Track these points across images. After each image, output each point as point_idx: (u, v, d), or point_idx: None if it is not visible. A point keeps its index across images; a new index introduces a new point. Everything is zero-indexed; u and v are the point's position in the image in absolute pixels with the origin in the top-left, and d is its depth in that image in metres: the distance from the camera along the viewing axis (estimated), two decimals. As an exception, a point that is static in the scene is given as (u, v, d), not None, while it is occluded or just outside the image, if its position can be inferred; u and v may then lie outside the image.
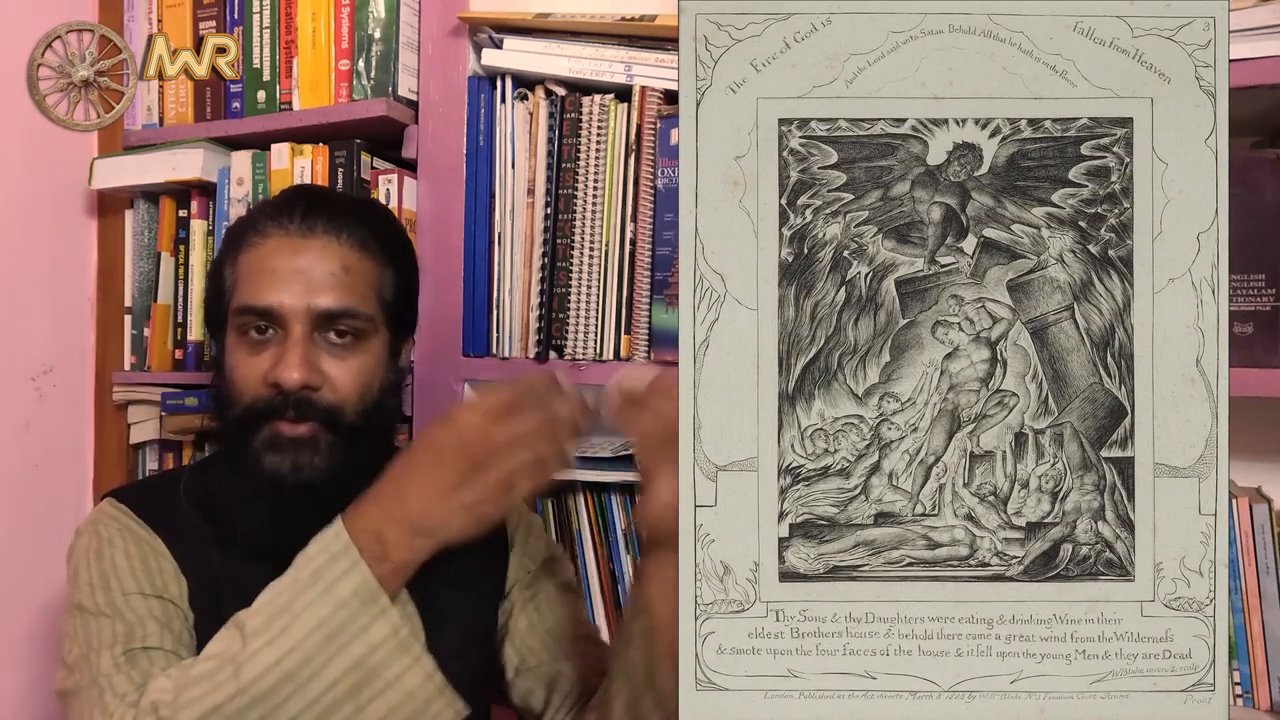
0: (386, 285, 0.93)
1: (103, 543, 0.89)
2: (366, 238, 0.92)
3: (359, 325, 0.90)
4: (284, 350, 0.87)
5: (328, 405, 0.88)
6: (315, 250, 0.89)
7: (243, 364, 0.89)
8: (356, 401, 0.89)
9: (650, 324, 1.14)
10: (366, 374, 0.90)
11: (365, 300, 0.90)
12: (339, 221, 0.91)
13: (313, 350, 0.87)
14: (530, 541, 1.04)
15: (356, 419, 0.89)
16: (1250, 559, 0.98)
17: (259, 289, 0.88)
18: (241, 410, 0.88)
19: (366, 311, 0.90)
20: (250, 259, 0.90)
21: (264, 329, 0.88)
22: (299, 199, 0.93)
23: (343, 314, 0.88)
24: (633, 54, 1.16)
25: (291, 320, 0.87)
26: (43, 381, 1.48)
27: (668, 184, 1.14)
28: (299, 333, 0.87)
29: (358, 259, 0.90)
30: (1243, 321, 0.95)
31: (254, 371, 0.88)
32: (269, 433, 0.87)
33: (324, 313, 0.87)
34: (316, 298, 0.87)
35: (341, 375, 0.88)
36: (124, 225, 1.53)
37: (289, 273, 0.87)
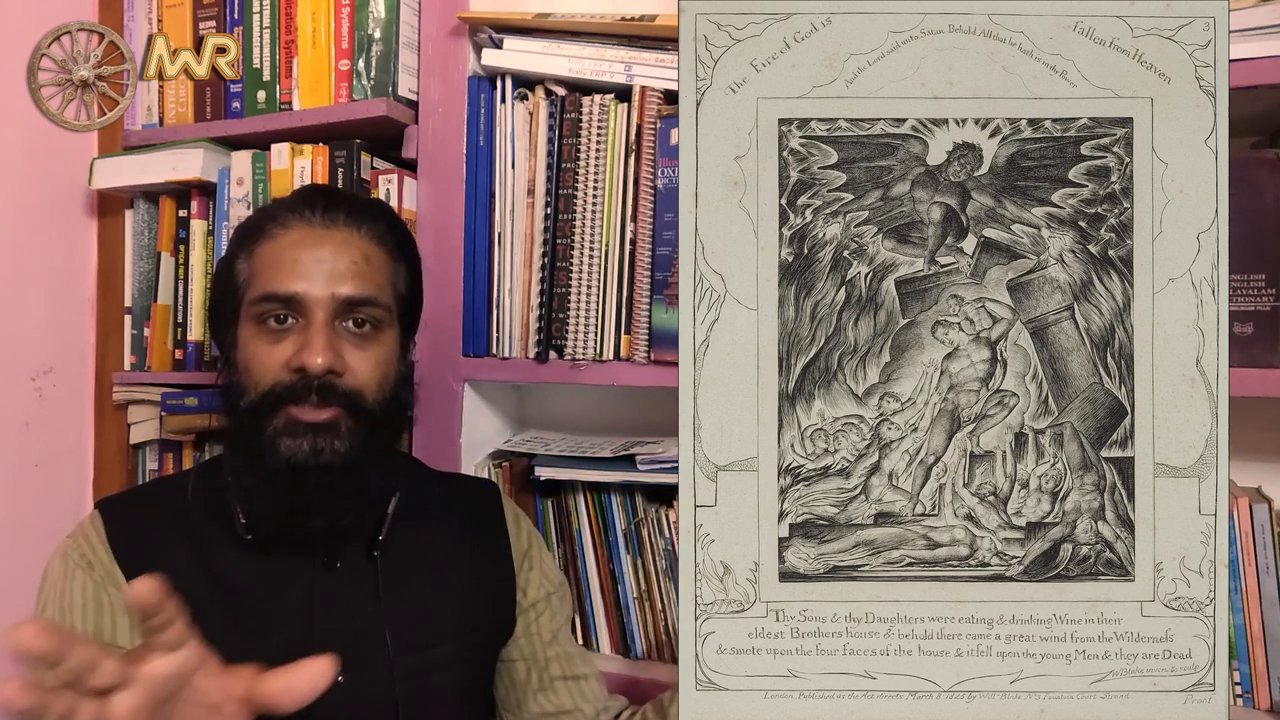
0: (400, 279, 0.96)
1: (67, 579, 0.90)
2: (383, 233, 0.94)
3: (377, 315, 0.91)
4: (307, 336, 0.87)
5: (349, 390, 0.88)
6: (338, 241, 0.91)
7: (262, 351, 0.89)
8: (376, 389, 0.91)
9: (650, 324, 1.14)
10: (384, 364, 0.92)
11: (383, 291, 0.92)
12: (358, 215, 0.93)
13: (335, 337, 0.89)
14: (544, 557, 1.07)
15: (376, 406, 0.90)
16: (1250, 559, 0.98)
17: (282, 277, 0.89)
18: (258, 396, 0.88)
19: (385, 301, 0.92)
20: (271, 249, 0.91)
21: (283, 318, 0.89)
22: (319, 194, 0.96)
23: (364, 302, 0.90)
24: (633, 54, 1.16)
25: (315, 307, 0.88)
26: (43, 381, 1.48)
27: (668, 184, 1.14)
28: (321, 319, 0.88)
29: (376, 251, 0.93)
30: (1243, 321, 0.95)
31: (275, 359, 0.88)
32: (285, 418, 0.87)
33: (346, 300, 0.89)
34: (339, 286, 0.89)
35: (361, 363, 0.90)
36: (124, 225, 1.52)
37: (312, 261, 0.89)
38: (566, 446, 1.26)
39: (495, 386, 1.32)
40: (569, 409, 1.40)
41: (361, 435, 0.89)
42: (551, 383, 1.21)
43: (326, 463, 0.86)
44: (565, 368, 1.18)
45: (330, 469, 0.87)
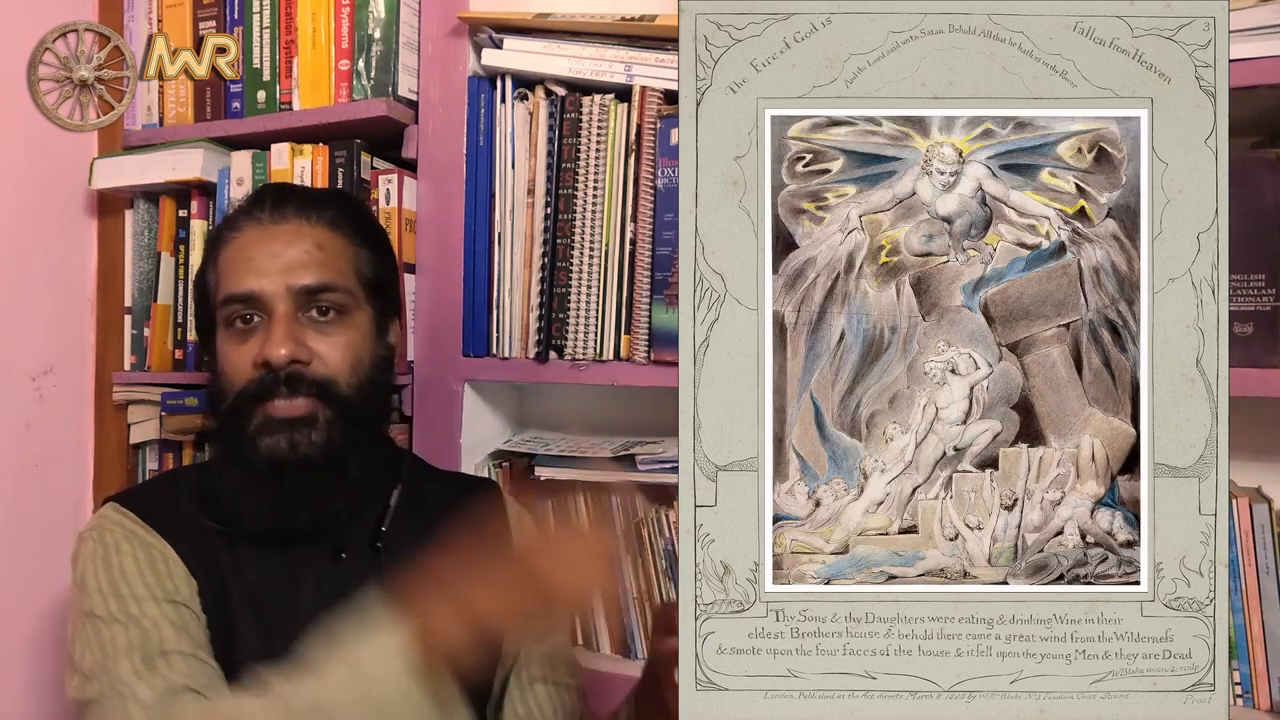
0: (364, 263, 0.96)
1: (109, 549, 0.89)
2: (336, 218, 0.95)
3: (340, 300, 0.92)
4: (269, 331, 0.89)
5: (319, 379, 0.89)
6: (288, 234, 0.92)
7: (233, 353, 0.91)
8: (349, 374, 0.91)
9: (650, 324, 1.14)
10: (354, 349, 0.92)
11: (342, 275, 0.93)
12: (308, 206, 0.94)
13: (297, 328, 0.90)
14: None
15: (351, 392, 0.91)
16: (1250, 559, 0.98)
17: (238, 277, 0.90)
18: (234, 397, 0.90)
19: (345, 285, 0.92)
20: (228, 253, 0.93)
21: (249, 317, 0.90)
22: (267, 192, 0.98)
23: (321, 289, 0.91)
24: (633, 54, 1.16)
25: (273, 301, 0.89)
26: (43, 381, 1.48)
27: (668, 184, 1.14)
28: (281, 311, 0.89)
29: (330, 237, 0.93)
30: (1243, 321, 0.95)
31: (244, 358, 0.90)
32: (262, 416, 0.88)
33: (303, 289, 0.90)
34: (293, 277, 0.90)
35: (329, 350, 0.90)
36: (124, 225, 1.52)
37: (265, 257, 0.90)
38: (566, 446, 1.26)
39: (495, 386, 1.32)
40: (569, 409, 1.40)
41: (340, 424, 0.89)
42: (551, 383, 1.21)
43: (305, 455, 0.88)
44: (565, 368, 1.18)
45: (310, 462, 0.88)
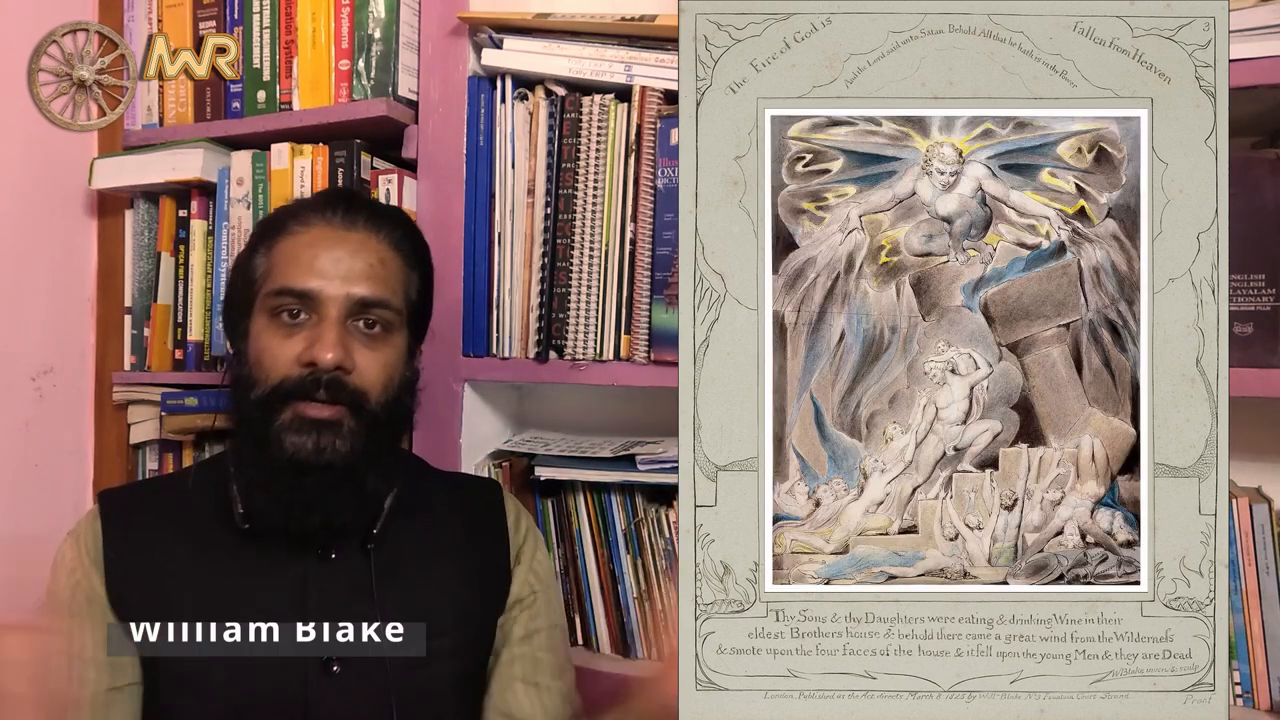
0: (412, 286, 0.97)
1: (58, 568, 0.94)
2: (400, 239, 0.97)
3: (388, 317, 0.93)
4: (319, 332, 0.89)
5: (356, 389, 0.90)
6: (356, 242, 0.93)
7: (274, 345, 0.90)
8: (380, 390, 0.92)
9: (650, 324, 1.14)
10: (390, 367, 0.93)
11: (395, 295, 0.94)
12: (378, 220, 0.96)
13: (345, 335, 0.90)
14: (537, 556, 1.05)
15: (379, 408, 0.92)
16: (1250, 559, 0.98)
17: (300, 272, 0.91)
18: (268, 390, 0.89)
19: (396, 305, 0.94)
20: (290, 245, 0.93)
21: (297, 312, 0.90)
22: (341, 196, 0.99)
23: (376, 304, 0.92)
24: (633, 54, 1.16)
25: (329, 304, 0.90)
26: (43, 381, 1.48)
27: (668, 184, 1.14)
28: (334, 316, 0.90)
29: (392, 256, 0.95)
30: (1243, 321, 0.95)
31: (286, 352, 0.90)
32: (293, 413, 0.88)
33: (360, 300, 0.91)
34: (355, 285, 0.91)
35: (369, 364, 0.91)
36: (124, 225, 1.52)
37: (330, 260, 0.91)
38: (566, 446, 1.26)
39: (495, 386, 1.32)
40: (569, 409, 1.40)
41: (363, 435, 0.90)
42: (551, 383, 1.21)
43: (328, 461, 0.88)
44: (565, 368, 1.18)
45: (331, 467, 0.88)
